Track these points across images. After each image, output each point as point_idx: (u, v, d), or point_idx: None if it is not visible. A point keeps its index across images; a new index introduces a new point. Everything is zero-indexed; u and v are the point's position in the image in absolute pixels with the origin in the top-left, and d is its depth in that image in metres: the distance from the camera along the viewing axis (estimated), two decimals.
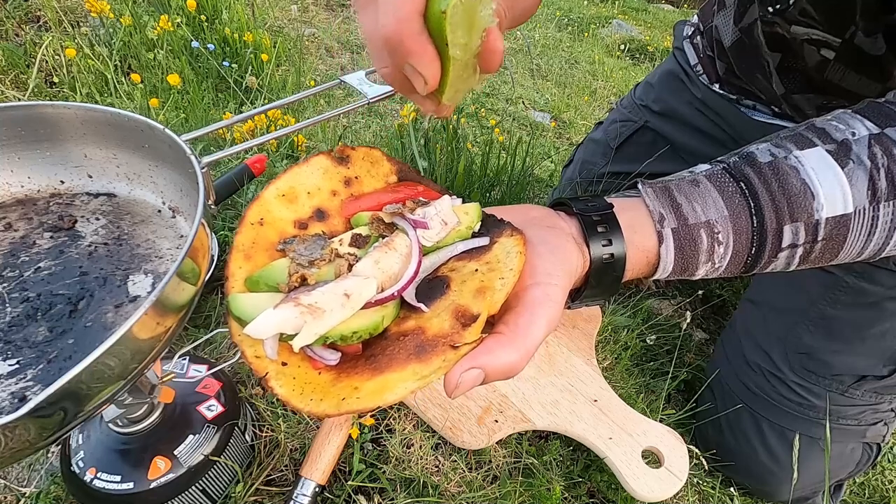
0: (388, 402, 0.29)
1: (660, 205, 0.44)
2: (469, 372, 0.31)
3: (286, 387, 0.31)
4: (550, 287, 0.36)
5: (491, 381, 0.33)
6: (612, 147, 1.11)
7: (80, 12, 1.46)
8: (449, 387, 0.31)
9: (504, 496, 0.69)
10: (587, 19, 3.74)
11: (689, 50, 0.99)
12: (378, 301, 0.34)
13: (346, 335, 0.32)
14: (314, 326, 0.31)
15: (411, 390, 0.29)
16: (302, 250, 0.37)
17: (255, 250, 0.37)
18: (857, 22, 0.64)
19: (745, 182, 0.44)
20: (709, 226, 0.43)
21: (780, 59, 0.77)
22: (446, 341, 0.31)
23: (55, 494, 0.62)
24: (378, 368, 0.31)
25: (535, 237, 0.39)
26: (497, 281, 0.34)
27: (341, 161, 0.42)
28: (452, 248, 0.38)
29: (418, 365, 0.30)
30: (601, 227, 0.42)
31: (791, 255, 0.45)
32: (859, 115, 0.46)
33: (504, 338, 0.33)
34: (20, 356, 0.36)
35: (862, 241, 0.45)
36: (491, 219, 0.41)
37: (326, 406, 0.29)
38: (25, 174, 0.47)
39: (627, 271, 0.44)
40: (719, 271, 0.46)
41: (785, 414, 0.79)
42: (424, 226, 0.38)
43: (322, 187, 0.41)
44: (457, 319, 0.32)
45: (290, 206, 0.40)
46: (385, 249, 0.36)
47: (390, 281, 0.35)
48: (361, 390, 0.30)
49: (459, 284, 0.35)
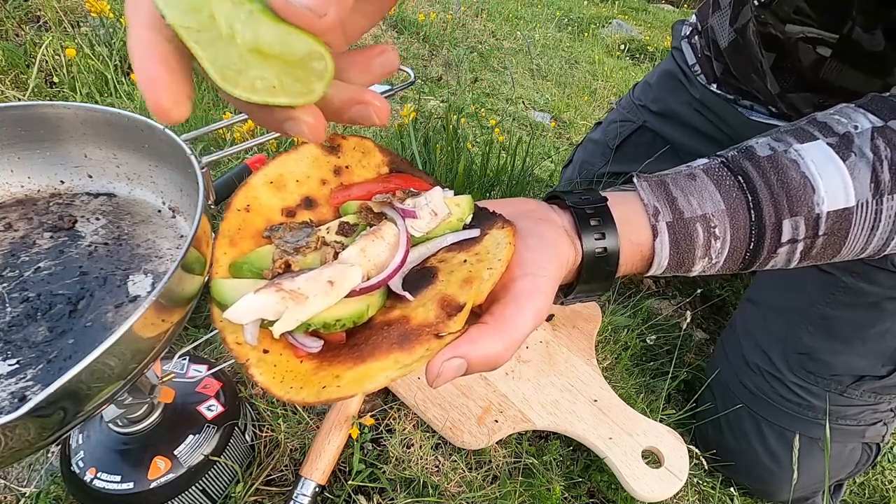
0: (367, 390, 0.29)
1: (655, 198, 0.43)
2: (451, 361, 0.31)
3: (266, 374, 0.30)
4: (539, 279, 0.36)
5: (474, 372, 0.32)
6: (611, 147, 1.11)
7: (80, 12, 1.46)
8: (430, 376, 0.31)
9: (504, 496, 0.69)
10: (587, 19, 3.75)
11: (688, 50, 0.99)
12: (363, 289, 0.34)
13: (329, 323, 0.32)
14: (296, 313, 0.31)
15: (392, 378, 0.29)
16: (288, 237, 0.36)
17: (240, 236, 0.37)
18: (855, 17, 0.64)
19: (744, 176, 0.43)
20: (705, 220, 0.43)
21: (774, 59, 0.77)
22: (430, 330, 0.31)
23: (55, 494, 0.62)
24: (361, 357, 0.31)
25: (526, 229, 0.39)
26: (485, 271, 0.34)
27: (332, 150, 0.42)
28: (442, 240, 0.38)
29: (401, 354, 0.30)
30: (594, 220, 0.42)
31: (791, 250, 0.44)
32: (862, 109, 0.45)
33: (488, 328, 0.33)
34: (20, 356, 0.36)
35: (865, 236, 0.44)
36: (483, 212, 0.40)
37: (306, 394, 0.29)
38: (25, 174, 0.47)
39: (621, 266, 0.43)
40: (717, 267, 0.45)
41: (784, 414, 0.79)
42: (413, 215, 0.37)
43: (311, 175, 0.41)
44: (442, 309, 0.32)
45: (278, 194, 0.39)
46: (372, 238, 0.35)
47: (376, 270, 0.35)
48: (343, 378, 0.29)
49: (447, 275, 0.35)
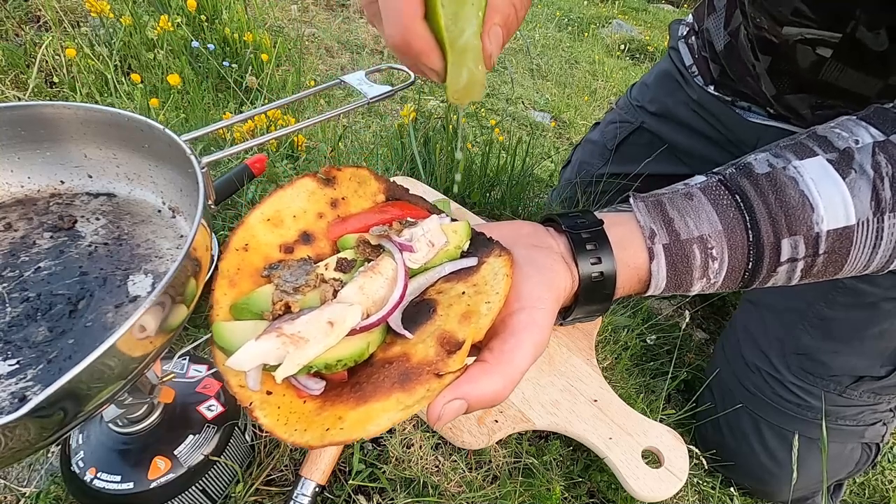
0: (371, 434, 0.29)
1: (651, 220, 0.43)
2: (451, 403, 0.31)
3: (270, 416, 0.31)
4: (536, 311, 0.35)
5: (475, 410, 0.33)
6: (610, 148, 1.11)
7: (80, 12, 1.46)
8: (431, 418, 0.31)
9: (504, 496, 0.69)
10: (587, 19, 3.75)
11: (685, 50, 0.99)
12: (363, 328, 0.34)
13: (330, 364, 0.32)
14: (297, 357, 0.31)
15: (395, 421, 0.29)
16: (287, 276, 0.36)
17: (239, 277, 0.37)
18: (859, 16, 0.63)
19: (741, 195, 0.43)
20: (702, 241, 0.42)
21: (770, 63, 0.76)
22: (431, 369, 0.31)
23: (55, 494, 0.62)
24: (363, 397, 0.31)
25: (523, 257, 0.39)
26: (483, 305, 0.34)
27: (327, 182, 0.42)
28: (440, 269, 0.38)
29: (402, 394, 0.30)
30: (590, 244, 0.42)
31: (791, 269, 0.43)
32: (864, 122, 0.44)
33: (488, 366, 0.33)
34: (20, 356, 0.36)
35: (867, 254, 0.43)
36: (480, 237, 0.40)
37: (310, 437, 0.29)
38: (25, 174, 0.47)
39: (618, 289, 0.43)
40: (715, 286, 0.45)
41: (783, 414, 0.79)
42: (410, 249, 0.37)
43: (308, 210, 0.41)
44: (442, 346, 0.32)
45: (276, 231, 0.39)
46: (370, 274, 0.35)
47: (375, 306, 0.35)
48: (345, 420, 0.29)
49: (446, 308, 0.35)
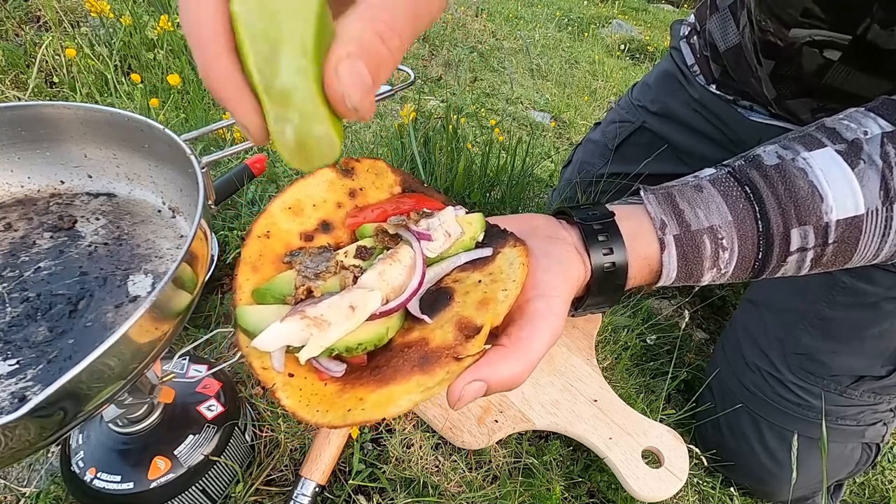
0: (391, 414, 0.29)
1: (661, 211, 0.44)
2: (472, 384, 0.32)
3: (293, 398, 0.31)
4: (553, 299, 0.36)
5: (493, 393, 0.33)
6: (611, 148, 1.11)
7: (80, 12, 1.46)
8: (452, 399, 0.32)
9: (504, 496, 0.69)
10: (587, 19, 3.75)
11: (686, 50, 0.99)
12: (383, 313, 0.35)
13: (351, 347, 0.33)
14: (320, 339, 0.32)
15: (415, 402, 0.30)
16: (308, 262, 0.37)
17: (262, 262, 0.38)
18: (875, 13, 0.61)
19: (750, 186, 0.43)
20: (712, 231, 0.43)
21: (773, 67, 0.76)
22: (450, 353, 0.32)
23: (55, 494, 0.62)
24: (383, 380, 0.31)
25: (538, 248, 0.39)
26: (500, 292, 0.34)
27: (346, 173, 0.43)
28: (456, 259, 0.39)
29: (422, 377, 0.31)
30: (602, 235, 0.42)
31: (801, 258, 0.44)
32: (872, 113, 0.44)
33: (506, 350, 0.33)
34: (20, 356, 0.36)
35: (877, 243, 0.43)
36: (494, 229, 0.41)
37: (332, 417, 0.30)
38: (25, 174, 0.47)
39: (630, 279, 0.43)
40: (726, 277, 0.46)
41: (783, 414, 0.79)
42: (428, 237, 0.38)
43: (327, 199, 0.42)
44: (460, 331, 0.33)
45: (296, 219, 0.40)
46: (389, 261, 0.36)
47: (394, 292, 0.36)
48: (366, 402, 0.30)
49: (463, 296, 0.36)
